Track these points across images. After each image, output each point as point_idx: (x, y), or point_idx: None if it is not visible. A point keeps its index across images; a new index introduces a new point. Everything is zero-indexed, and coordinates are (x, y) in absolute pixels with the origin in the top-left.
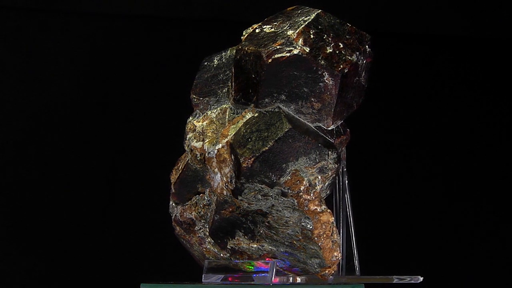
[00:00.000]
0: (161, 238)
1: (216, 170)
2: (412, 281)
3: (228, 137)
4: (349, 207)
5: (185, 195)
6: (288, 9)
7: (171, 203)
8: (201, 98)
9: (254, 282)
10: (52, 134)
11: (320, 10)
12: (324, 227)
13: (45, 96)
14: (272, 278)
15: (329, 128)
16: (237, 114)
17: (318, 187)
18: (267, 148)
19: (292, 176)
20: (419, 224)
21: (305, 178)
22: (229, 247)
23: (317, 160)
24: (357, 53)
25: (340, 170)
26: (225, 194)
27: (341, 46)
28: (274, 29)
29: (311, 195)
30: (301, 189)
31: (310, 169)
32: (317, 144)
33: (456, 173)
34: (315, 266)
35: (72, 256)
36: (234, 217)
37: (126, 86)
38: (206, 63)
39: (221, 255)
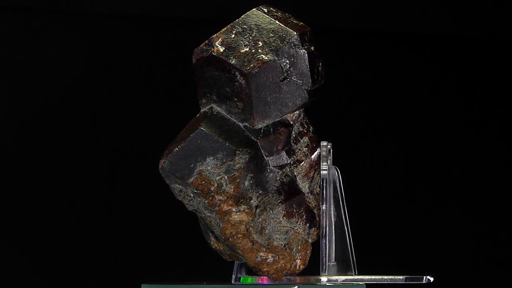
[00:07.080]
0: (162, 238)
1: None
2: (422, 282)
3: None
4: (344, 206)
5: None
6: None
7: None
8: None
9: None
10: (53, 134)
11: (255, 8)
12: (236, 226)
13: (45, 96)
14: (234, 279)
15: (255, 127)
16: None
17: (226, 187)
18: (177, 149)
19: (198, 176)
20: (416, 224)
21: (212, 179)
22: (213, 248)
23: (224, 160)
24: (277, 51)
25: (326, 168)
26: None
27: (260, 44)
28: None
29: (223, 195)
30: (211, 189)
31: (217, 169)
32: (224, 144)
33: (455, 173)
34: (251, 268)
35: (73, 256)
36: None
37: (126, 85)
38: None
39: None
